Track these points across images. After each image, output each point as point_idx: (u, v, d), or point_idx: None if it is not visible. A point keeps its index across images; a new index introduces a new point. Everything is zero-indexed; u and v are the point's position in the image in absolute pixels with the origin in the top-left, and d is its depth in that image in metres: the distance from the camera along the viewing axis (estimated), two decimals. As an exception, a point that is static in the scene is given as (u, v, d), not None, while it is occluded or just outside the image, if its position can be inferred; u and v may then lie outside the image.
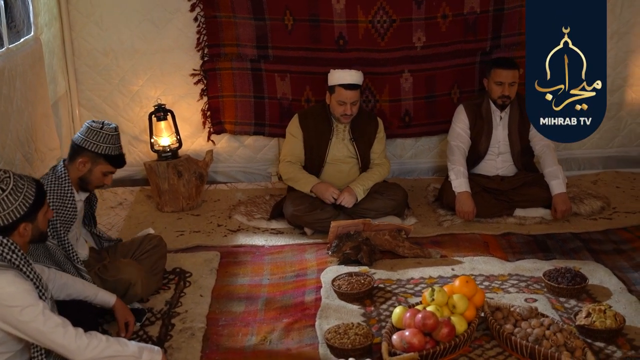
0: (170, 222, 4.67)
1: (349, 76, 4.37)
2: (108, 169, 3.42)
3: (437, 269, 3.87)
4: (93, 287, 3.13)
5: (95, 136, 3.36)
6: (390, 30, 4.92)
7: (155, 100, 4.99)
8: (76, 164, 3.36)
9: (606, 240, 4.23)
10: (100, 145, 3.36)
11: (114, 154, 3.41)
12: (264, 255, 4.16)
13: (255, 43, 4.95)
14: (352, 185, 4.44)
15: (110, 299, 3.15)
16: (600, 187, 5.12)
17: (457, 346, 3.03)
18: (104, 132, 3.37)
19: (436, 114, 5.18)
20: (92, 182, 3.42)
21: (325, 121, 4.51)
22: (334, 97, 4.40)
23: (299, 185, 4.44)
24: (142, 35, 5.00)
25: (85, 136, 3.36)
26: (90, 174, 3.38)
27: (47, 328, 2.50)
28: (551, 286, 3.56)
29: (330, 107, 4.47)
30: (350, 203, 4.37)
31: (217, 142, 5.26)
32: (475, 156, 4.70)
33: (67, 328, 2.56)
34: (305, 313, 3.47)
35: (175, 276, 3.88)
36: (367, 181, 4.48)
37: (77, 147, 3.37)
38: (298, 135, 4.51)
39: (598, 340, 3.12)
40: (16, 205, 2.59)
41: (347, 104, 4.36)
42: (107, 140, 3.38)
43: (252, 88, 5.07)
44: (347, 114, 4.39)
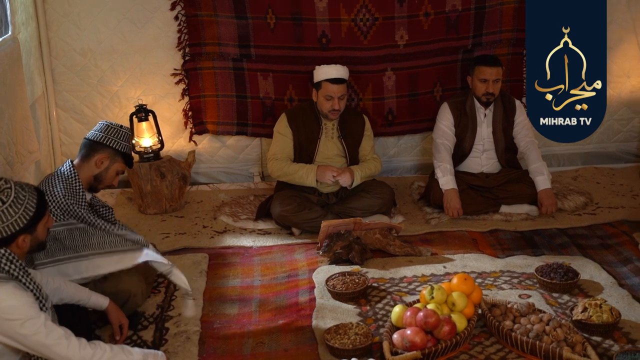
0: (154, 225, 4.60)
1: (334, 70, 4.35)
2: (122, 167, 3.44)
3: (429, 267, 3.87)
4: (85, 291, 3.07)
5: (116, 134, 3.36)
6: (373, 29, 4.90)
7: (135, 101, 4.91)
8: (92, 161, 3.33)
9: (592, 236, 4.27)
10: (121, 143, 3.37)
11: (129, 153, 3.45)
12: (253, 257, 4.12)
13: (237, 42, 4.89)
14: (353, 167, 4.44)
15: (103, 301, 3.09)
16: (581, 182, 5.17)
17: (458, 344, 3.03)
18: (123, 131, 3.40)
19: (419, 112, 5.18)
20: (106, 180, 3.39)
21: (314, 119, 4.48)
22: (320, 93, 4.37)
23: (297, 177, 4.38)
24: (121, 34, 4.91)
25: (105, 133, 3.35)
26: (107, 172, 3.37)
27: (49, 340, 2.46)
28: (544, 282, 3.58)
29: (317, 104, 4.44)
30: (346, 182, 4.38)
31: (199, 142, 5.19)
32: (460, 153, 4.71)
33: (70, 339, 2.51)
34: (300, 314, 3.43)
35: (165, 279, 3.80)
36: (366, 170, 4.49)
37: (95, 144, 3.34)
38: (287, 134, 4.47)
39: (595, 334, 3.15)
40: (16, 218, 2.54)
41: (334, 98, 4.34)
42: (126, 138, 3.41)
43: (234, 87, 5.02)
44: (335, 109, 4.37)
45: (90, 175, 3.34)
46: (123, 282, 3.28)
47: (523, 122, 4.69)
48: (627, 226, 4.35)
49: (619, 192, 4.98)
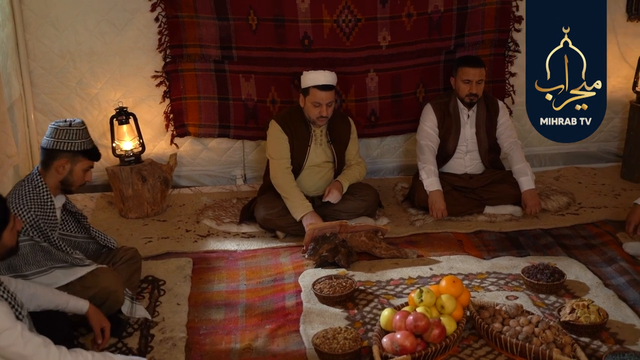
0: (136, 229, 4.53)
1: (322, 77, 4.30)
2: (88, 164, 3.30)
3: (416, 269, 3.85)
4: (64, 295, 2.99)
5: (67, 135, 3.22)
6: (355, 30, 4.88)
7: (115, 103, 4.84)
8: (53, 168, 3.22)
9: (576, 236, 4.28)
10: (75, 142, 3.23)
11: (90, 148, 3.30)
12: (238, 260, 4.07)
13: (219, 43, 4.85)
14: (340, 178, 4.41)
15: (83, 305, 3.01)
16: (563, 182, 5.20)
17: (448, 347, 3.01)
18: (73, 129, 3.24)
19: (402, 114, 5.17)
20: (75, 182, 3.28)
21: (303, 126, 4.42)
22: (308, 99, 4.32)
23: (289, 203, 4.27)
24: (101, 36, 4.84)
25: (56, 138, 3.22)
26: (72, 174, 3.25)
27: (28, 351, 2.39)
28: (531, 283, 3.57)
29: (305, 110, 4.39)
30: (336, 199, 4.33)
31: (180, 145, 5.14)
32: (444, 155, 4.70)
33: (50, 348, 2.45)
34: (287, 318, 3.40)
35: (149, 285, 3.75)
36: (352, 178, 4.46)
37: (50, 151, 3.22)
38: (284, 138, 4.38)
39: (583, 335, 3.15)
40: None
41: (322, 105, 4.28)
42: (80, 135, 3.25)
43: (216, 89, 4.97)
44: (323, 116, 4.32)
45: (57, 181, 3.24)
46: (102, 280, 3.18)
47: (506, 122, 4.70)
48: (610, 226, 4.37)
49: (601, 191, 5.01)
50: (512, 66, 5.24)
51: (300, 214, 4.22)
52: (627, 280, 3.65)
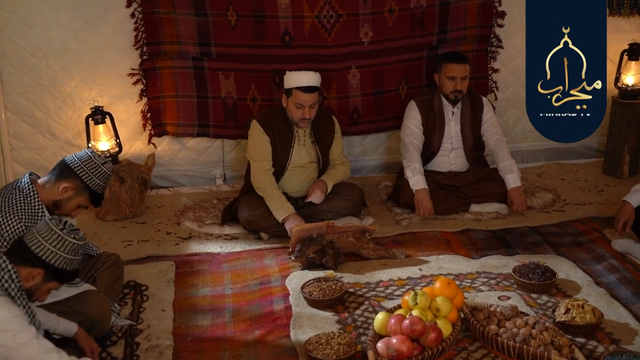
0: (114, 232, 4.39)
1: (306, 78, 4.18)
2: (86, 203, 3.21)
3: (405, 270, 3.78)
4: (54, 316, 2.90)
5: (94, 169, 3.16)
6: (337, 26, 4.79)
7: (90, 102, 4.69)
8: (59, 186, 3.10)
9: (563, 233, 4.25)
10: (94, 180, 3.16)
11: (100, 193, 3.22)
12: (222, 263, 3.96)
13: (197, 40, 4.72)
14: (324, 178, 4.32)
15: (72, 327, 2.93)
16: (546, 179, 5.17)
17: (444, 350, 2.94)
18: (103, 170, 3.19)
19: (384, 110, 5.09)
20: (64, 209, 3.15)
21: (286, 126, 4.30)
22: (291, 100, 4.20)
23: (270, 204, 4.17)
24: (74, 32, 4.67)
25: (84, 164, 3.14)
26: (67, 201, 3.13)
27: (40, 353, 2.39)
28: (522, 283, 3.52)
29: (287, 110, 4.27)
30: (319, 199, 4.24)
31: (158, 144, 5.00)
32: (429, 152, 4.64)
33: (61, 354, 2.46)
34: (277, 323, 3.30)
35: (131, 290, 3.63)
36: (336, 177, 4.37)
37: (68, 170, 3.13)
38: (265, 139, 4.26)
39: (578, 336, 3.11)
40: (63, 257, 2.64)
41: (305, 107, 4.16)
42: (102, 178, 3.20)
43: (194, 87, 4.84)
44: (306, 118, 4.20)
45: (50, 199, 3.11)
46: (90, 306, 3.05)
47: (491, 119, 4.66)
48: (597, 223, 4.34)
49: (584, 188, 4.99)
50: (495, 62, 5.19)
51: (282, 215, 4.12)
52: (618, 278, 3.61)
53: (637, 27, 5.34)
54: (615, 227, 3.88)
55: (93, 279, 3.40)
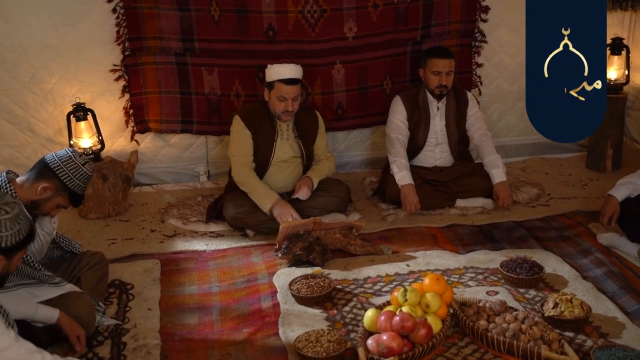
0: (97, 230, 4.34)
1: (288, 70, 4.15)
2: (65, 204, 3.13)
3: (392, 266, 3.77)
4: (31, 304, 2.83)
5: (74, 170, 3.08)
6: (321, 21, 4.75)
7: (71, 99, 4.62)
8: (37, 186, 3.03)
9: (548, 227, 4.26)
10: (74, 180, 3.08)
11: (80, 194, 3.14)
12: (208, 261, 3.92)
13: (180, 35, 4.66)
14: (310, 174, 4.28)
15: (53, 313, 2.86)
16: (530, 173, 5.18)
17: (434, 346, 2.93)
18: (83, 170, 3.11)
19: (369, 106, 5.07)
20: (43, 209, 3.08)
21: (269, 121, 4.28)
22: (273, 94, 4.17)
23: (255, 197, 4.15)
24: (54, 28, 4.60)
25: (64, 164, 3.06)
26: (46, 202, 3.06)
27: (21, 356, 2.34)
28: (510, 277, 3.52)
29: (269, 104, 4.24)
30: (306, 196, 4.21)
31: (141, 141, 4.93)
32: (414, 147, 4.63)
33: (44, 354, 2.40)
34: (265, 321, 3.27)
35: (116, 289, 3.58)
36: (321, 173, 4.34)
37: (47, 170, 3.05)
38: (247, 135, 4.24)
39: (567, 330, 3.11)
40: (7, 235, 2.43)
41: (287, 99, 4.14)
42: (83, 179, 3.12)
43: (177, 83, 4.78)
44: (289, 111, 4.18)
45: (29, 198, 3.03)
46: (74, 308, 2.98)
47: (476, 114, 4.66)
48: (582, 217, 4.36)
49: (568, 182, 5.01)
50: (479, 57, 5.19)
51: (268, 204, 4.10)
52: (604, 272, 3.63)
53: (619, 22, 5.38)
54: (600, 221, 3.90)
55: (77, 278, 3.35)
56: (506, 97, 5.38)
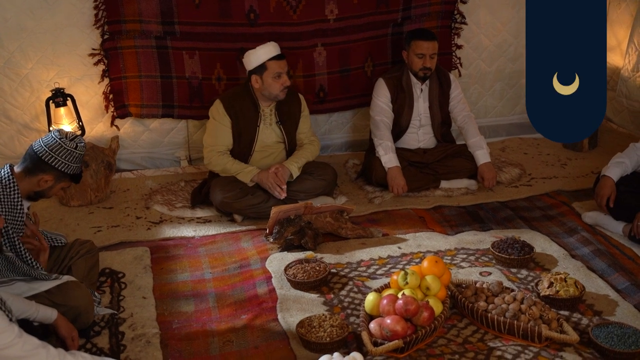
0: (81, 218, 4.26)
1: (273, 48, 4.14)
2: (67, 185, 3.15)
3: (384, 249, 3.78)
4: (32, 304, 2.78)
5: (68, 156, 3.03)
6: (302, 3, 4.71)
7: (48, 84, 4.52)
8: (36, 179, 3.01)
9: (533, 207, 4.31)
10: (70, 165, 3.05)
11: (79, 173, 3.13)
12: (197, 247, 3.89)
13: (160, 19, 4.57)
14: (286, 163, 4.24)
15: (51, 314, 2.81)
16: (509, 154, 5.24)
17: (436, 328, 2.96)
18: (76, 153, 3.06)
19: (350, 88, 5.06)
20: (49, 195, 3.12)
21: (252, 106, 4.24)
22: (267, 75, 4.12)
23: (236, 174, 4.18)
24: (30, 11, 4.47)
25: (55, 153, 3.00)
26: (50, 189, 3.09)
27: (26, 352, 2.29)
28: (501, 258, 3.57)
29: (262, 88, 4.18)
30: None
31: (120, 126, 4.85)
32: (397, 129, 4.64)
33: (48, 348, 2.35)
34: (263, 307, 3.26)
35: (107, 278, 3.53)
36: (301, 159, 4.30)
37: (42, 163, 3.00)
38: (226, 122, 4.20)
39: (562, 309, 3.17)
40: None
41: (283, 74, 4.13)
42: (77, 160, 3.07)
43: (158, 67, 4.70)
44: (287, 86, 4.17)
45: (31, 190, 3.05)
46: (72, 298, 2.94)
47: (458, 95, 4.68)
48: (564, 196, 4.42)
49: (547, 162, 5.08)
50: (459, 38, 5.21)
51: (249, 176, 4.15)
52: (592, 250, 3.69)
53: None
54: (598, 204, 3.92)
55: (68, 268, 3.29)
56: (485, 78, 5.42)
